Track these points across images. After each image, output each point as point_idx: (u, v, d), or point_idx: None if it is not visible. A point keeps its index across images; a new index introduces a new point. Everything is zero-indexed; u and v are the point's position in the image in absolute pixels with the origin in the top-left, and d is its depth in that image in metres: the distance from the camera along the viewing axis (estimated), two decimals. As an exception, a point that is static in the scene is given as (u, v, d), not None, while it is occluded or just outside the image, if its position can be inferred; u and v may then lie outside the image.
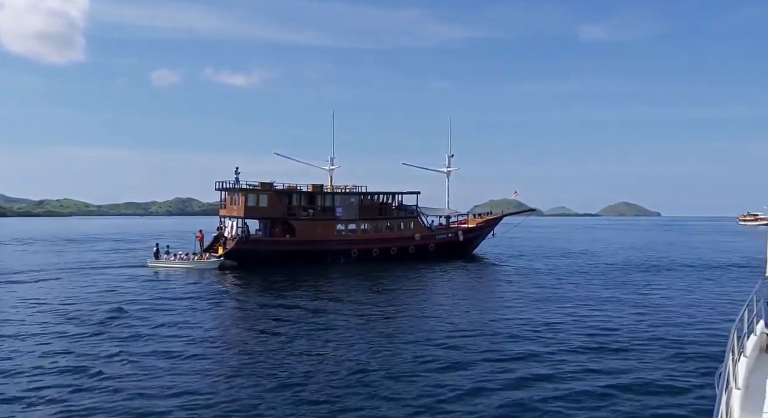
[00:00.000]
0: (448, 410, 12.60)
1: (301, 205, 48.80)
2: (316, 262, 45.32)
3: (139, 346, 18.31)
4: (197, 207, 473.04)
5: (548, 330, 20.65)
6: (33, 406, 12.77)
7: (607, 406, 12.71)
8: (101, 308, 24.89)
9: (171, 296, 29.42)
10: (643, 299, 28.55)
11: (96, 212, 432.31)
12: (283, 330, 20.81)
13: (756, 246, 74.00)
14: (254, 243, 46.08)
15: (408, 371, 15.42)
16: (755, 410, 5.15)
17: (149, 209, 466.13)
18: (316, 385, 14.21)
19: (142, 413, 12.36)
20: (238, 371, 15.42)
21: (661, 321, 22.33)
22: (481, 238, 57.03)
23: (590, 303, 27.07)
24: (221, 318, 24.01)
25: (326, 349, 17.97)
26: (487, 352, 17.38)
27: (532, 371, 15.38)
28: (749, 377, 5.86)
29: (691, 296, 29.72)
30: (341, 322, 22.41)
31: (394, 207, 51.88)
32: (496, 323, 22.01)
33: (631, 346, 18.18)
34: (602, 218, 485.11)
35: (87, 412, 12.41)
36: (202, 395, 13.44)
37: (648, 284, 34.49)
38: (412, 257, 49.11)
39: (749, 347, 6.52)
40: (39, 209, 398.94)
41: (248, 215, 46.35)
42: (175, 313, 24.40)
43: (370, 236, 49.46)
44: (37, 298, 28.32)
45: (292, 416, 12.23)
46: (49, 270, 41.50)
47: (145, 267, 43.61)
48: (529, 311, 24.98)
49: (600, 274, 40.35)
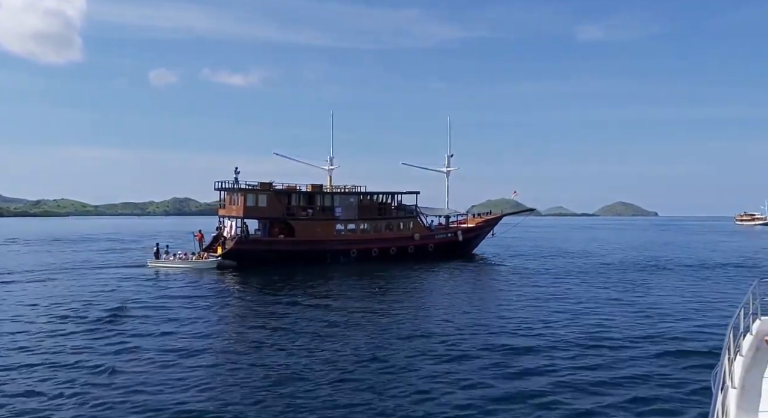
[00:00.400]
0: (444, 403, 12.79)
1: (300, 205, 48.86)
2: (315, 262, 45.36)
3: (138, 344, 18.39)
4: (194, 207, 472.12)
5: (545, 328, 20.79)
6: (40, 402, 12.85)
7: (602, 404, 12.80)
8: (101, 307, 25.00)
9: (170, 295, 29.55)
10: (640, 298, 28.68)
11: (93, 212, 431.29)
12: (281, 330, 20.87)
13: (753, 246, 74.35)
14: (253, 243, 46.12)
15: (406, 367, 15.60)
16: (751, 409, 5.21)
17: (146, 209, 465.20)
18: (316, 382, 14.31)
19: (147, 409, 12.44)
20: (237, 369, 15.54)
21: (657, 320, 22.46)
22: (480, 238, 57.10)
23: (588, 303, 27.19)
24: (219, 318, 24.04)
25: (325, 346, 18.07)
26: (485, 350, 17.48)
27: (527, 367, 15.58)
28: (745, 377, 5.91)
29: (687, 295, 29.86)
30: (340, 321, 22.49)
31: (394, 207, 51.94)
32: (494, 321, 22.10)
33: (627, 344, 18.29)
34: (600, 218, 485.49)
35: (94, 407, 12.51)
36: (204, 392, 13.54)
37: (644, 284, 34.65)
38: (411, 257, 49.16)
39: (745, 347, 6.58)
40: (36, 209, 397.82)
41: (247, 215, 46.39)
42: (173, 312, 24.50)
43: (369, 236, 49.52)
44: (36, 298, 28.35)
45: (292, 412, 12.32)
46: (46, 270, 41.48)
47: (144, 267, 43.63)
48: (527, 309, 25.10)
49: (597, 273, 40.45)
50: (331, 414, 12.28)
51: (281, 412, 12.35)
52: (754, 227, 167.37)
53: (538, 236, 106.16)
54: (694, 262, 49.66)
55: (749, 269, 43.18)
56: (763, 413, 5.14)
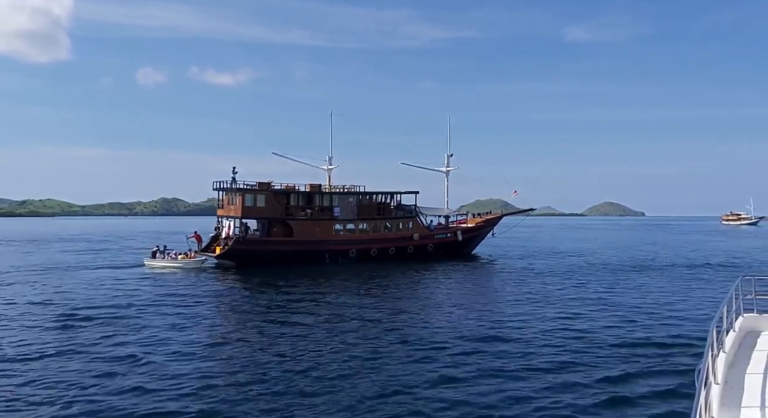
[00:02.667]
0: (439, 398, 12.98)
1: (299, 205, 48.71)
2: (314, 262, 45.21)
3: (129, 340, 18.51)
4: (183, 207, 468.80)
5: (543, 327, 20.92)
6: (36, 404, 12.80)
7: (584, 401, 12.88)
8: (79, 307, 24.88)
9: (162, 294, 29.38)
10: (625, 298, 28.59)
11: (80, 212, 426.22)
12: (278, 329, 20.91)
13: (737, 245, 75.40)
14: (252, 243, 45.95)
15: (402, 368, 15.65)
16: (734, 405, 5.29)
17: (134, 209, 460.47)
18: (315, 381, 14.42)
19: (149, 406, 12.53)
20: (235, 368, 15.66)
21: (644, 318, 22.61)
22: (480, 238, 57.14)
23: (586, 302, 27.34)
24: (213, 318, 23.93)
25: (322, 346, 18.10)
26: (479, 352, 17.38)
27: (525, 367, 15.65)
28: (728, 373, 5.98)
29: (672, 293, 30.09)
30: (337, 320, 22.53)
31: (393, 207, 51.92)
32: (491, 322, 22.05)
33: (612, 342, 18.45)
34: (588, 218, 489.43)
35: (91, 408, 12.51)
36: (199, 391, 13.64)
37: (631, 282, 34.96)
38: (410, 257, 49.15)
39: (728, 343, 6.66)
40: (21, 210, 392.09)
41: (246, 215, 46.18)
42: (171, 312, 24.44)
43: (368, 236, 49.46)
44: (23, 298, 28.05)
45: (291, 410, 12.40)
46: (29, 271, 40.92)
47: (139, 267, 43.63)
48: (526, 310, 25.07)
49: (595, 272, 40.79)
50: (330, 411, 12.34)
51: (278, 409, 12.42)
52: (739, 227, 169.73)
53: (530, 235, 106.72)
54: (681, 261, 50.01)
55: (734, 268, 43.50)
56: (745, 408, 5.22)
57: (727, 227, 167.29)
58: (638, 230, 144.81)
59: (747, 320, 7.80)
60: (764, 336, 7.40)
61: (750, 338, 7.40)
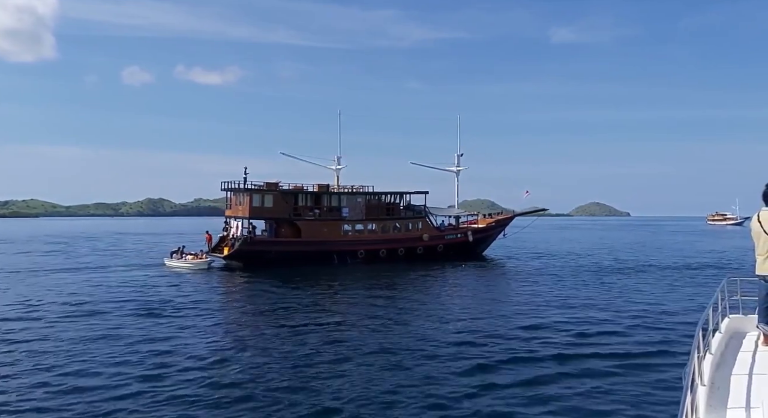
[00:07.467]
0: (447, 397, 13.01)
1: (306, 206, 48.46)
2: (322, 263, 44.89)
3: (127, 339, 18.56)
4: (169, 208, 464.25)
5: (544, 329, 20.82)
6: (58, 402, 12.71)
7: (566, 403, 12.82)
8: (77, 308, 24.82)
9: (165, 295, 29.12)
10: (612, 298, 28.59)
11: (64, 212, 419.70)
12: (282, 330, 20.70)
13: (723, 245, 76.26)
14: (259, 244, 45.61)
15: (411, 367, 15.66)
16: (720, 407, 5.26)
17: (119, 209, 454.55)
18: (321, 380, 14.40)
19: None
20: (235, 369, 15.58)
21: (629, 320, 22.48)
22: (491, 238, 56.78)
23: (585, 302, 27.25)
24: (221, 320, 23.64)
25: (330, 347, 17.98)
26: (483, 355, 17.11)
27: (524, 370, 15.53)
28: (714, 375, 5.96)
29: (658, 294, 29.93)
30: (347, 321, 22.41)
31: (402, 207, 51.72)
32: (500, 323, 21.88)
33: (596, 342, 18.51)
34: (575, 218, 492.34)
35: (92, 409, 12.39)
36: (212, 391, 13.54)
37: (618, 283, 34.81)
38: (420, 258, 48.88)
39: (714, 345, 6.65)
40: (4, 210, 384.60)
41: (253, 215, 45.91)
42: (171, 313, 24.24)
43: (377, 236, 49.21)
44: (30, 299, 27.54)
45: (300, 408, 12.42)
46: (31, 272, 40.31)
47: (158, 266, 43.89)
48: (531, 312, 24.70)
49: (579, 274, 40.58)
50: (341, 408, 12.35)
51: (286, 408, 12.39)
52: (725, 227, 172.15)
53: (529, 236, 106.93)
54: (667, 262, 49.71)
55: (721, 269, 43.11)
56: (731, 410, 5.19)
57: (713, 228, 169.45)
58: (626, 230, 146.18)
59: (733, 321, 7.77)
60: (750, 337, 7.35)
61: (736, 339, 7.36)
